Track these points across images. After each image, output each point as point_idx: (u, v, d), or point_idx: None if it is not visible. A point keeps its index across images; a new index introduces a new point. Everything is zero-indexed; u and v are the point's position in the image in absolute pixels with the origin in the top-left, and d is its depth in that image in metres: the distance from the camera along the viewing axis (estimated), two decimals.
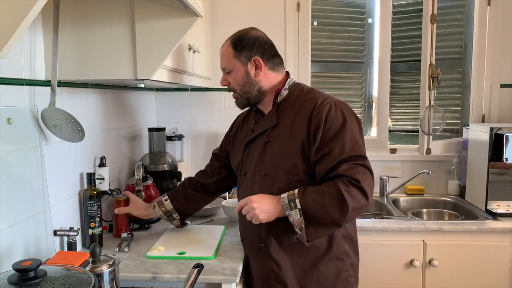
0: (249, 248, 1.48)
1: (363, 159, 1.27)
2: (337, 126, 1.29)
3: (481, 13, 2.43)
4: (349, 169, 1.24)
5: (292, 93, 1.43)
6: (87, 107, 1.65)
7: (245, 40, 1.41)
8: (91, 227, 1.54)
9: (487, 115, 2.49)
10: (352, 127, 1.30)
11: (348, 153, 1.26)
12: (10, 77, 1.19)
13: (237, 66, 1.42)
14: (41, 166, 1.30)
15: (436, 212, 2.43)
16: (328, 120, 1.29)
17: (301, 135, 1.33)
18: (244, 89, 1.43)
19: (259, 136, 1.45)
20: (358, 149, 1.28)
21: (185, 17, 1.34)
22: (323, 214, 1.24)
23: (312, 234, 1.25)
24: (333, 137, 1.28)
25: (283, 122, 1.39)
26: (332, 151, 1.26)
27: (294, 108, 1.39)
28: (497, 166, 2.13)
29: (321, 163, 1.29)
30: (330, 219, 1.24)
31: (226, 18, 2.45)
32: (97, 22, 1.33)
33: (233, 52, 1.42)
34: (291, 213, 1.25)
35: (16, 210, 1.19)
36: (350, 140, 1.27)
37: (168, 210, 1.65)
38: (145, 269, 1.37)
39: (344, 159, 1.25)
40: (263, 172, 1.40)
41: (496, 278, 1.95)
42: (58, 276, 0.88)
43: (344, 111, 1.32)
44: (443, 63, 2.52)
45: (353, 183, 1.22)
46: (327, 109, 1.31)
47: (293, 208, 1.24)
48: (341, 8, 2.61)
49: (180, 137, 2.46)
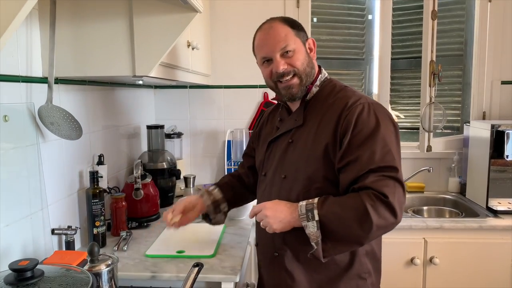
0: (263, 256, 1.38)
1: (394, 170, 1.12)
2: (368, 130, 1.14)
3: (482, 10, 2.42)
4: (377, 181, 1.10)
5: (323, 90, 1.30)
6: (84, 104, 1.63)
7: (296, 21, 1.30)
8: (96, 226, 1.53)
9: (488, 112, 2.48)
10: (386, 133, 1.15)
11: (377, 163, 1.11)
12: (6, 73, 1.17)
13: (299, 44, 1.26)
14: (38, 164, 1.29)
15: (437, 210, 2.42)
16: (359, 123, 1.15)
17: (326, 137, 1.19)
18: (307, 70, 1.27)
19: (283, 135, 1.32)
20: (389, 158, 1.13)
21: (183, 13, 1.32)
22: (343, 229, 1.11)
23: (329, 250, 1.12)
24: (362, 143, 1.14)
25: (309, 122, 1.26)
26: (359, 159, 1.12)
27: (323, 107, 1.25)
28: (498, 163, 2.12)
29: (346, 171, 1.15)
30: (351, 235, 1.11)
31: (225, 14, 2.44)
32: (95, 17, 1.32)
33: (293, 30, 1.26)
34: (307, 225, 1.12)
35: (13, 208, 1.17)
36: (381, 147, 1.13)
37: (216, 199, 1.46)
38: (144, 268, 1.36)
39: (372, 169, 1.11)
40: (282, 175, 1.28)
41: (497, 276, 1.95)
42: (56, 276, 0.86)
43: (378, 114, 1.18)
44: (444, 60, 2.51)
45: (380, 198, 1.08)
46: (358, 111, 1.17)
47: (310, 219, 1.12)
48: (341, 5, 2.59)
49: (179, 134, 2.44)
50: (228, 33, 2.45)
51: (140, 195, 1.78)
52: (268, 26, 1.28)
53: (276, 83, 1.29)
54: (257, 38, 1.31)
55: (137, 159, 1.96)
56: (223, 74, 2.48)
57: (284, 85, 1.27)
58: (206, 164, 2.56)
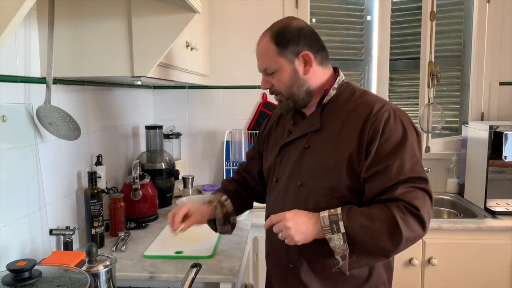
0: (275, 266, 1.30)
1: (424, 182, 1.08)
2: (397, 139, 1.09)
3: (480, 11, 2.42)
4: (408, 193, 1.05)
5: (341, 93, 1.22)
6: (83, 104, 1.63)
7: (289, 33, 1.18)
8: (94, 226, 1.53)
9: (486, 113, 2.48)
10: (413, 142, 1.11)
11: (407, 174, 1.06)
12: (5, 74, 1.17)
13: (283, 64, 1.19)
14: (36, 165, 1.28)
15: (435, 211, 2.42)
16: (386, 131, 1.09)
17: (350, 145, 1.13)
18: (292, 91, 1.21)
19: (297, 139, 1.25)
20: (419, 169, 1.09)
21: (182, 13, 1.32)
22: (371, 242, 1.05)
23: (354, 263, 1.07)
24: (391, 152, 1.08)
25: (328, 127, 1.19)
26: (388, 169, 1.07)
27: (343, 112, 1.18)
28: (496, 164, 2.12)
29: (373, 182, 1.09)
30: (379, 248, 1.07)
31: (224, 15, 2.44)
32: (93, 18, 1.32)
33: (276, 49, 1.18)
34: (332, 237, 1.06)
35: (11, 209, 1.17)
36: (410, 157, 1.08)
37: (229, 212, 1.37)
38: (142, 268, 1.36)
39: (402, 180, 1.06)
40: (299, 182, 1.20)
41: (495, 277, 1.95)
42: (54, 277, 0.86)
43: (404, 122, 1.12)
44: (442, 60, 2.51)
45: (410, 210, 1.04)
46: (385, 118, 1.11)
47: (336, 231, 1.05)
48: (339, 6, 2.59)
49: (178, 135, 2.44)
50: (226, 33, 2.45)
51: (139, 195, 1.78)
52: (259, 41, 1.24)
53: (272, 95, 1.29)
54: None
55: (136, 160, 1.96)
56: (222, 74, 2.48)
57: (275, 99, 1.27)
58: (204, 165, 2.56)
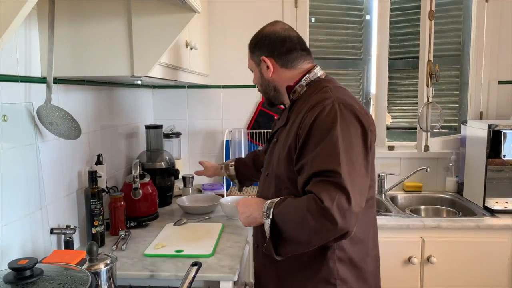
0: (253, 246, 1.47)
1: (335, 175, 1.06)
2: (320, 133, 1.11)
3: (479, 10, 2.43)
4: (317, 186, 1.07)
5: (307, 90, 1.29)
6: (83, 104, 1.63)
7: (257, 39, 1.36)
8: (95, 225, 1.53)
9: (485, 111, 2.49)
10: (340, 135, 1.09)
11: (319, 166, 1.08)
12: (5, 73, 1.18)
13: (253, 66, 1.39)
14: (37, 164, 1.29)
15: (434, 209, 2.43)
16: (315, 125, 1.13)
17: (291, 139, 1.20)
18: (262, 89, 1.40)
19: (274, 134, 1.40)
20: (332, 161, 1.07)
21: (182, 13, 1.32)
22: (289, 230, 1.13)
23: (281, 249, 1.15)
24: (314, 146, 1.11)
25: (289, 123, 1.28)
26: (307, 163, 1.12)
27: (301, 108, 1.24)
28: (495, 162, 2.13)
29: (301, 174, 1.15)
30: (295, 237, 1.12)
31: (224, 14, 2.44)
32: (93, 18, 1.32)
33: (249, 52, 1.39)
34: (265, 222, 1.16)
35: (12, 208, 1.18)
36: (327, 150, 1.09)
37: (231, 175, 1.80)
38: (142, 267, 1.36)
39: (315, 172, 1.09)
40: (266, 173, 1.36)
41: (494, 275, 1.96)
42: (55, 275, 0.87)
43: (339, 115, 1.12)
44: (441, 60, 2.52)
45: (316, 202, 1.05)
46: (317, 112, 1.14)
47: (267, 217, 1.15)
48: (339, 5, 2.60)
49: (178, 134, 2.45)
50: (226, 33, 2.46)
51: (139, 194, 1.78)
52: None
53: None
54: None
55: (136, 159, 1.97)
56: (222, 74, 2.49)
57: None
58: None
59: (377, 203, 2.42)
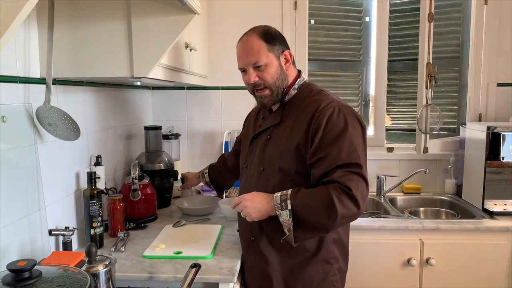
0: (243, 240, 1.51)
1: (358, 167, 1.26)
2: (337, 131, 1.28)
3: (478, 12, 2.43)
4: (343, 176, 1.23)
5: (300, 92, 1.43)
6: (82, 105, 1.63)
7: (273, 33, 1.40)
8: (93, 227, 1.53)
9: (484, 114, 2.49)
10: (353, 134, 1.28)
11: (344, 160, 1.25)
12: (4, 74, 1.17)
13: (272, 59, 1.38)
14: (36, 165, 1.29)
15: (433, 211, 2.43)
16: (329, 124, 1.28)
17: (299, 136, 1.33)
18: (277, 83, 1.40)
19: (263, 132, 1.47)
20: (355, 156, 1.26)
21: (182, 14, 1.32)
22: (312, 217, 1.25)
23: (300, 236, 1.27)
24: (332, 142, 1.27)
25: (285, 121, 1.40)
26: (328, 156, 1.26)
27: (299, 108, 1.38)
28: (494, 164, 2.13)
29: (317, 167, 1.29)
30: (319, 223, 1.25)
31: (223, 16, 2.45)
32: (93, 19, 1.32)
33: (266, 45, 1.37)
34: (281, 213, 1.26)
35: (11, 209, 1.17)
36: (348, 146, 1.26)
37: (207, 181, 1.92)
38: (141, 269, 1.36)
39: (339, 165, 1.25)
40: (261, 168, 1.42)
41: (493, 277, 1.96)
42: (54, 277, 0.86)
43: (347, 116, 1.30)
44: (440, 61, 2.52)
45: (344, 191, 1.22)
46: (329, 113, 1.30)
47: (284, 208, 1.26)
48: (338, 7, 2.60)
49: (177, 135, 2.44)
50: (226, 34, 2.46)
51: (138, 196, 1.78)
52: (245, 39, 1.40)
53: (253, 91, 1.44)
54: (237, 48, 1.43)
55: (135, 160, 1.96)
56: (221, 75, 2.49)
57: (258, 94, 1.43)
58: (203, 165, 2.52)
59: (376, 205, 2.43)
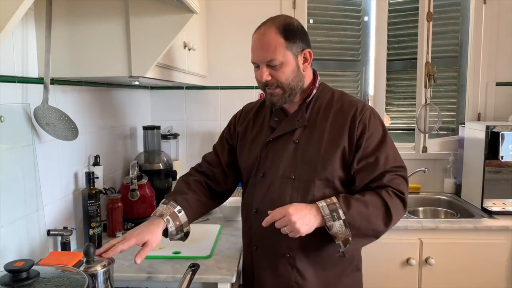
0: (266, 258, 1.32)
1: (404, 170, 1.26)
2: (380, 134, 1.26)
3: (477, 12, 2.43)
4: (393, 180, 1.22)
5: (321, 93, 1.33)
6: (80, 105, 1.63)
7: (295, 29, 1.24)
8: (92, 227, 1.52)
9: (483, 113, 2.49)
10: (389, 136, 1.28)
11: (392, 163, 1.23)
12: (2, 74, 1.17)
13: (289, 58, 1.23)
14: (34, 165, 1.28)
15: (432, 211, 2.43)
16: (371, 128, 1.25)
17: (342, 141, 1.24)
18: (292, 85, 1.26)
19: (284, 135, 1.30)
20: (400, 159, 1.27)
21: (180, 14, 1.32)
22: (367, 225, 1.19)
23: (351, 246, 1.18)
24: (377, 145, 1.24)
25: (315, 124, 1.28)
26: (377, 161, 1.22)
27: (330, 110, 1.29)
28: (493, 164, 2.13)
29: (364, 172, 1.23)
30: (372, 230, 1.20)
31: (222, 15, 2.44)
32: (91, 18, 1.31)
33: (285, 42, 1.22)
34: (333, 224, 1.15)
35: (9, 209, 1.17)
36: (392, 149, 1.26)
37: (182, 224, 1.29)
38: (140, 269, 1.35)
39: (388, 169, 1.22)
40: (292, 176, 1.27)
41: (492, 276, 1.96)
42: (52, 277, 0.86)
43: (380, 119, 1.30)
44: (439, 61, 2.52)
45: (397, 195, 1.21)
46: (368, 116, 1.26)
47: (336, 219, 1.15)
48: (337, 6, 2.60)
49: (175, 135, 2.44)
50: (224, 34, 2.45)
51: (136, 196, 1.77)
52: (263, 31, 1.24)
53: (264, 88, 1.29)
54: (252, 39, 1.28)
55: (133, 160, 1.95)
56: (220, 75, 2.48)
57: (268, 91, 1.28)
58: None
59: None
